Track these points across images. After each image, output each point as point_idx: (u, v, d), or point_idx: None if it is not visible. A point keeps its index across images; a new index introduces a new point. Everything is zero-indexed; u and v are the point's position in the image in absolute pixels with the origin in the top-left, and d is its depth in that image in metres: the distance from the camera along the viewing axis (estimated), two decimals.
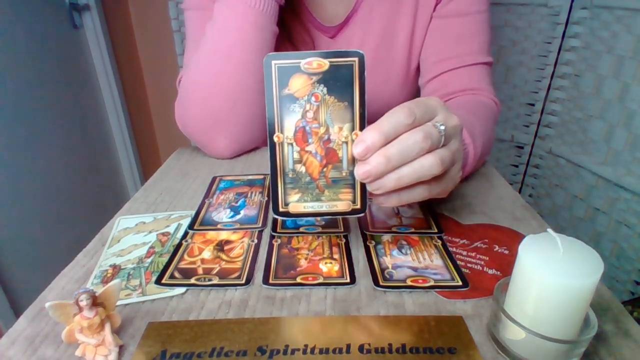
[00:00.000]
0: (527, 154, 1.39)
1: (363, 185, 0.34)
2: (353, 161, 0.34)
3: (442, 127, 0.33)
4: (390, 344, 0.29)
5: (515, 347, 0.28)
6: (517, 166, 1.43)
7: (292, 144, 0.34)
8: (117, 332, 0.30)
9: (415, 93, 0.69)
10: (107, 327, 0.28)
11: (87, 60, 1.54)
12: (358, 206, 0.35)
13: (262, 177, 0.55)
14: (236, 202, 0.48)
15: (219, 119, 0.56)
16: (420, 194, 0.35)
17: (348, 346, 0.29)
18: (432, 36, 0.63)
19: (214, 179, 0.54)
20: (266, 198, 0.49)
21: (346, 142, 0.34)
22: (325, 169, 0.35)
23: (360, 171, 0.32)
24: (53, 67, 1.36)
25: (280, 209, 0.35)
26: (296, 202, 0.35)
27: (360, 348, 0.29)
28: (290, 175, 0.35)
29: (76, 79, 1.49)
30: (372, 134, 0.32)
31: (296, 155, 0.34)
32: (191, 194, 0.51)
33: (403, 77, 0.66)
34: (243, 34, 0.53)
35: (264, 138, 0.64)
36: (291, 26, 0.62)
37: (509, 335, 0.28)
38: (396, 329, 0.31)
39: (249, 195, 0.50)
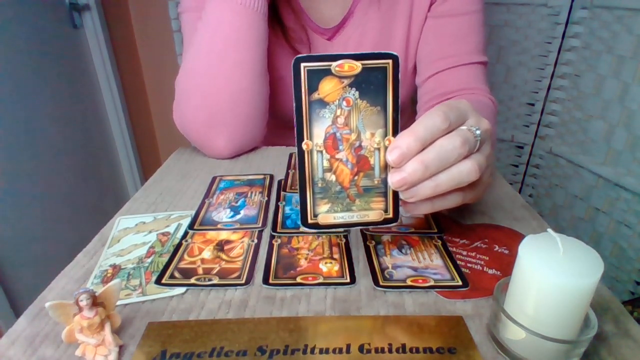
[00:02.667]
0: (527, 154, 1.39)
1: (395, 193, 0.33)
2: (385, 168, 0.33)
3: (478, 132, 0.32)
4: (390, 344, 0.29)
5: (515, 347, 0.28)
6: (517, 166, 1.43)
7: (321, 152, 0.32)
8: (117, 332, 0.30)
9: (413, 92, 0.70)
10: (107, 327, 0.28)
11: (87, 60, 1.54)
12: (390, 215, 0.34)
13: (262, 177, 0.55)
14: (236, 202, 0.48)
15: (217, 120, 0.56)
16: (454, 201, 0.34)
17: (348, 346, 0.29)
18: (427, 36, 0.63)
19: (214, 178, 0.54)
20: (266, 198, 0.49)
21: (378, 149, 0.33)
22: (356, 177, 0.33)
23: (395, 179, 0.31)
24: (53, 67, 1.36)
25: (310, 221, 0.34)
26: (326, 213, 0.33)
27: (360, 348, 0.29)
28: (320, 185, 0.33)
29: (76, 79, 1.49)
30: (407, 139, 0.30)
31: (326, 164, 0.33)
32: (191, 194, 0.51)
33: (401, 77, 0.66)
34: (236, 32, 0.53)
35: (263, 138, 0.64)
36: (288, 28, 0.62)
37: (509, 335, 0.28)
38: (396, 328, 0.30)
39: (249, 195, 0.50)
